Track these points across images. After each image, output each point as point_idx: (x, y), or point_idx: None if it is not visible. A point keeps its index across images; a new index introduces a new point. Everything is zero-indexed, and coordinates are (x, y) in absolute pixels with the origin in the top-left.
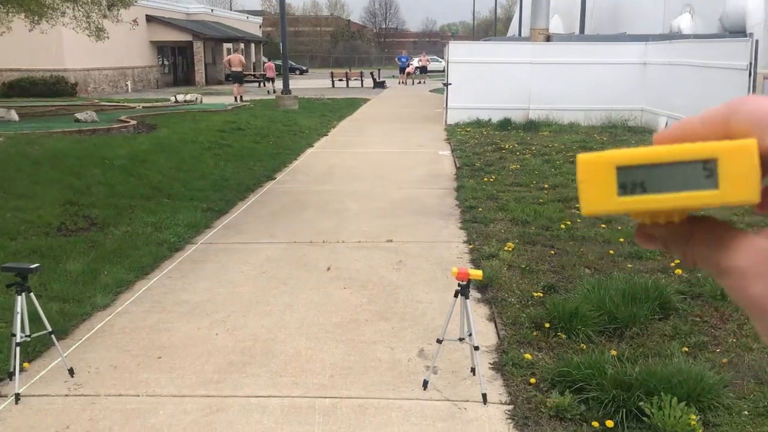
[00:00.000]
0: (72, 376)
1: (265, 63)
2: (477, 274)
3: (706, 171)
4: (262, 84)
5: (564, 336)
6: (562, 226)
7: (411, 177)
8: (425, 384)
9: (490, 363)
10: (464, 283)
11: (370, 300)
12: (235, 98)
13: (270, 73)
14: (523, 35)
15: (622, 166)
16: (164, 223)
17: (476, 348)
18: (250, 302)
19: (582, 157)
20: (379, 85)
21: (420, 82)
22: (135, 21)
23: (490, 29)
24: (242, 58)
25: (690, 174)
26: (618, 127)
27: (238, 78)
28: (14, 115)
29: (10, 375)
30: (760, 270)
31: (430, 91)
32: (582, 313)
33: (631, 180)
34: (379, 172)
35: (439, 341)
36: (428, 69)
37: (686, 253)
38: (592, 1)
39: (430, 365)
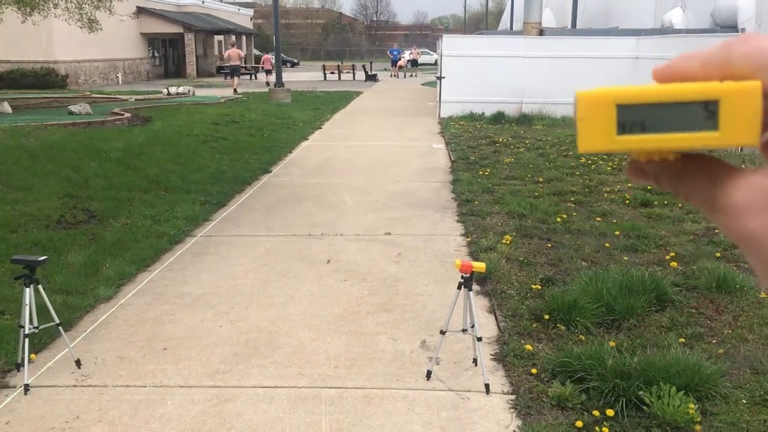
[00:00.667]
0: (79, 368)
1: (263, 56)
2: (480, 266)
3: (707, 112)
4: (253, 76)
5: (563, 327)
6: (558, 219)
7: (406, 170)
8: (428, 374)
9: (491, 354)
10: (467, 275)
11: (371, 292)
12: (235, 90)
13: (268, 66)
14: (514, 29)
15: (622, 104)
16: (163, 215)
17: (479, 339)
18: (251, 294)
19: (581, 94)
20: (371, 78)
21: (412, 75)
22: (135, 14)
23: (481, 23)
24: (241, 52)
25: (691, 115)
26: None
27: (235, 71)
28: (7, 108)
29: (18, 366)
30: (757, 206)
31: (422, 84)
32: (580, 305)
33: (630, 119)
34: (374, 165)
35: (442, 332)
36: (419, 62)
37: (679, 189)
38: None
39: (432, 356)
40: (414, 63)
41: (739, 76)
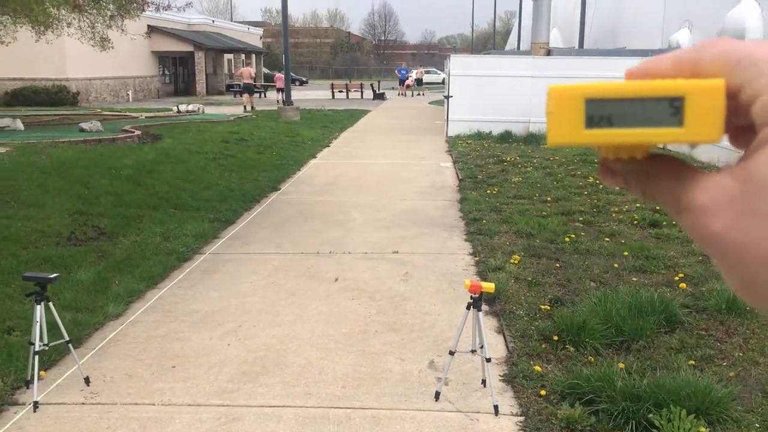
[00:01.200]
0: (88, 385)
1: (275, 74)
2: (489, 287)
3: (673, 108)
4: (263, 95)
5: (572, 349)
6: (567, 239)
7: (414, 188)
8: (437, 395)
9: (500, 375)
10: (477, 295)
11: (379, 311)
12: (244, 107)
13: (281, 84)
14: (522, 48)
15: (591, 99)
16: (172, 233)
17: (488, 360)
18: (260, 312)
19: (553, 88)
20: (379, 96)
21: (419, 94)
22: (147, 33)
23: (489, 42)
24: (252, 71)
25: (657, 110)
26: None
27: (248, 89)
28: (20, 125)
29: (28, 383)
30: (720, 207)
31: (430, 103)
32: (590, 326)
33: (598, 113)
34: (381, 184)
35: (451, 353)
36: (423, 81)
37: (646, 189)
38: (591, 15)
39: (441, 377)
40: (418, 82)
41: (708, 76)
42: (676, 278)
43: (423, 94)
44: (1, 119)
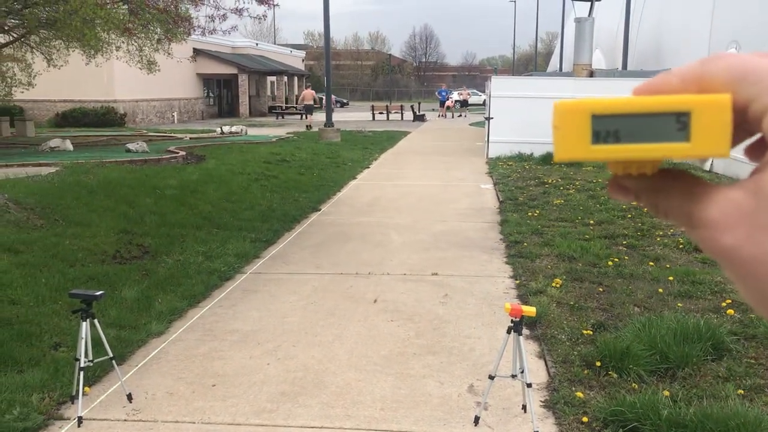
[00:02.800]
0: (130, 402)
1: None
2: (530, 310)
3: (680, 124)
4: (304, 116)
5: (615, 375)
6: (610, 263)
7: (453, 210)
8: (476, 420)
9: (541, 401)
10: (517, 319)
11: (418, 333)
12: (307, 126)
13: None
14: (564, 70)
15: (597, 115)
16: (215, 252)
17: (529, 385)
18: (299, 332)
19: (558, 104)
20: (419, 118)
21: (460, 116)
22: (193, 56)
23: (530, 63)
24: (313, 93)
25: (663, 126)
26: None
27: (309, 109)
28: (69, 145)
29: (73, 398)
30: (732, 221)
31: (470, 124)
32: (633, 353)
33: (605, 129)
34: (421, 205)
35: (491, 377)
36: (469, 102)
37: (657, 205)
38: (635, 37)
39: (480, 401)
40: (464, 103)
41: (715, 92)
42: (724, 304)
43: (465, 116)
44: (51, 140)
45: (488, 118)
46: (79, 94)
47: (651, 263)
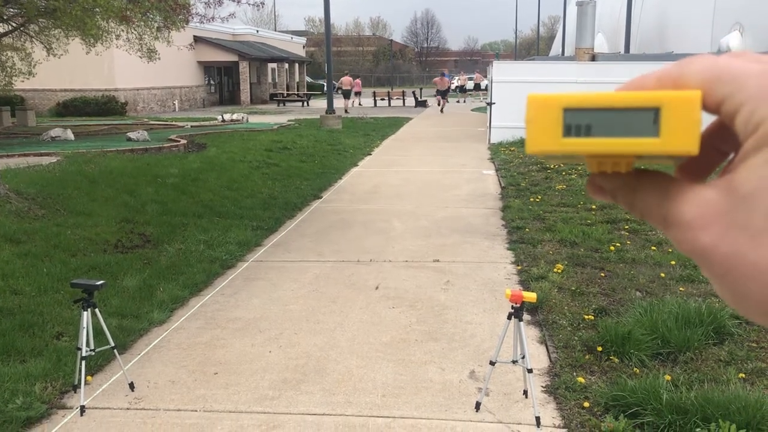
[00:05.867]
0: (132, 390)
1: (354, 80)
2: (531, 296)
3: (650, 119)
4: (305, 103)
5: (617, 360)
6: (612, 248)
7: (455, 196)
8: (477, 406)
9: (542, 386)
10: (518, 305)
11: (419, 320)
12: (345, 110)
13: (358, 88)
14: (566, 54)
15: (569, 108)
16: (216, 240)
17: (530, 371)
18: (301, 320)
19: (531, 96)
20: (421, 104)
21: (456, 101)
22: (191, 45)
23: (532, 48)
24: (351, 79)
25: (634, 121)
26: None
27: (346, 94)
28: (70, 135)
29: (75, 388)
30: (707, 221)
31: (472, 110)
32: (635, 337)
33: (576, 122)
34: (423, 191)
35: (492, 363)
36: (466, 88)
37: (633, 204)
38: (638, 20)
39: (481, 387)
40: (462, 89)
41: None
42: None
43: (463, 101)
44: (52, 129)
45: (490, 104)
46: (79, 84)
47: (653, 248)
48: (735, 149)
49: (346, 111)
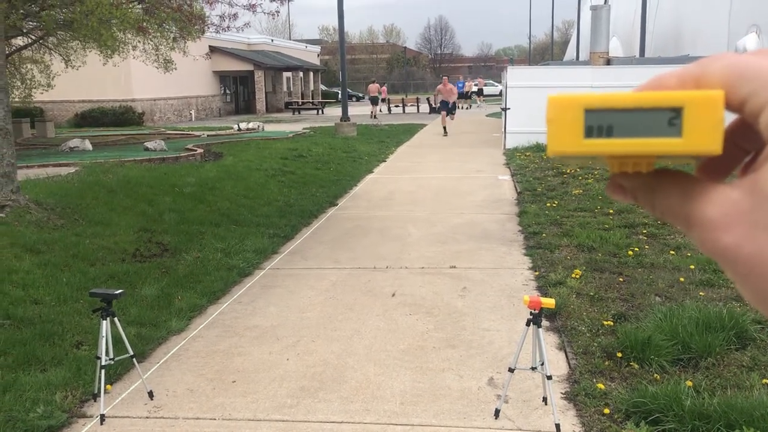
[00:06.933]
0: (151, 399)
1: (380, 87)
2: (549, 302)
3: (672, 119)
4: (320, 111)
5: (637, 366)
6: (630, 252)
7: (471, 202)
8: (497, 413)
9: (561, 393)
10: (536, 311)
11: (437, 327)
12: (372, 115)
13: (385, 94)
14: (580, 59)
15: (590, 109)
16: (233, 248)
17: (549, 377)
18: (318, 327)
19: (552, 97)
20: (435, 110)
21: (460, 107)
22: (208, 54)
23: (547, 53)
24: (377, 86)
25: (656, 121)
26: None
27: (374, 101)
28: (88, 145)
29: (95, 396)
30: (730, 220)
31: (487, 115)
32: (655, 343)
33: (598, 123)
34: (438, 198)
35: (511, 370)
36: (471, 93)
37: (654, 205)
38: (652, 23)
39: (500, 394)
40: (464, 95)
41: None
42: None
43: (469, 107)
44: (71, 140)
45: (505, 109)
46: (97, 94)
47: (672, 252)
48: (757, 147)
49: (374, 116)
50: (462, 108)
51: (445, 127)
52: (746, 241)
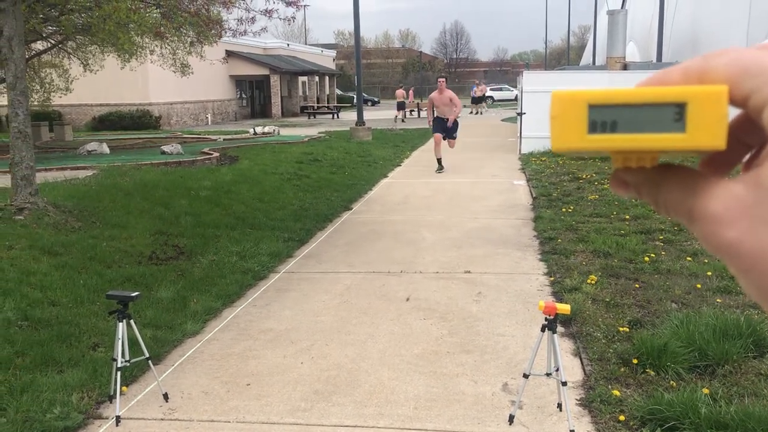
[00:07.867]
0: (167, 401)
1: (410, 90)
2: (565, 308)
3: (676, 114)
4: (335, 116)
5: (653, 372)
6: (646, 258)
7: (486, 207)
8: (511, 419)
9: (576, 399)
10: (551, 317)
11: (451, 332)
12: (396, 118)
13: (410, 99)
14: (597, 64)
15: (594, 104)
16: (248, 252)
17: (564, 383)
18: (332, 331)
19: (556, 93)
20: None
21: (471, 112)
22: (224, 59)
23: (563, 57)
24: (403, 92)
25: (660, 116)
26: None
27: (400, 105)
28: (106, 149)
29: (111, 398)
30: (733, 215)
31: (502, 120)
32: (671, 350)
33: (602, 118)
34: (453, 202)
35: (525, 376)
36: (481, 99)
37: (658, 200)
38: (670, 28)
39: (515, 400)
40: (475, 99)
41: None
42: None
43: (479, 113)
44: (89, 143)
45: (520, 114)
46: (115, 98)
47: (689, 258)
48: (761, 143)
49: (402, 120)
50: (472, 113)
51: (439, 160)
52: (749, 235)
